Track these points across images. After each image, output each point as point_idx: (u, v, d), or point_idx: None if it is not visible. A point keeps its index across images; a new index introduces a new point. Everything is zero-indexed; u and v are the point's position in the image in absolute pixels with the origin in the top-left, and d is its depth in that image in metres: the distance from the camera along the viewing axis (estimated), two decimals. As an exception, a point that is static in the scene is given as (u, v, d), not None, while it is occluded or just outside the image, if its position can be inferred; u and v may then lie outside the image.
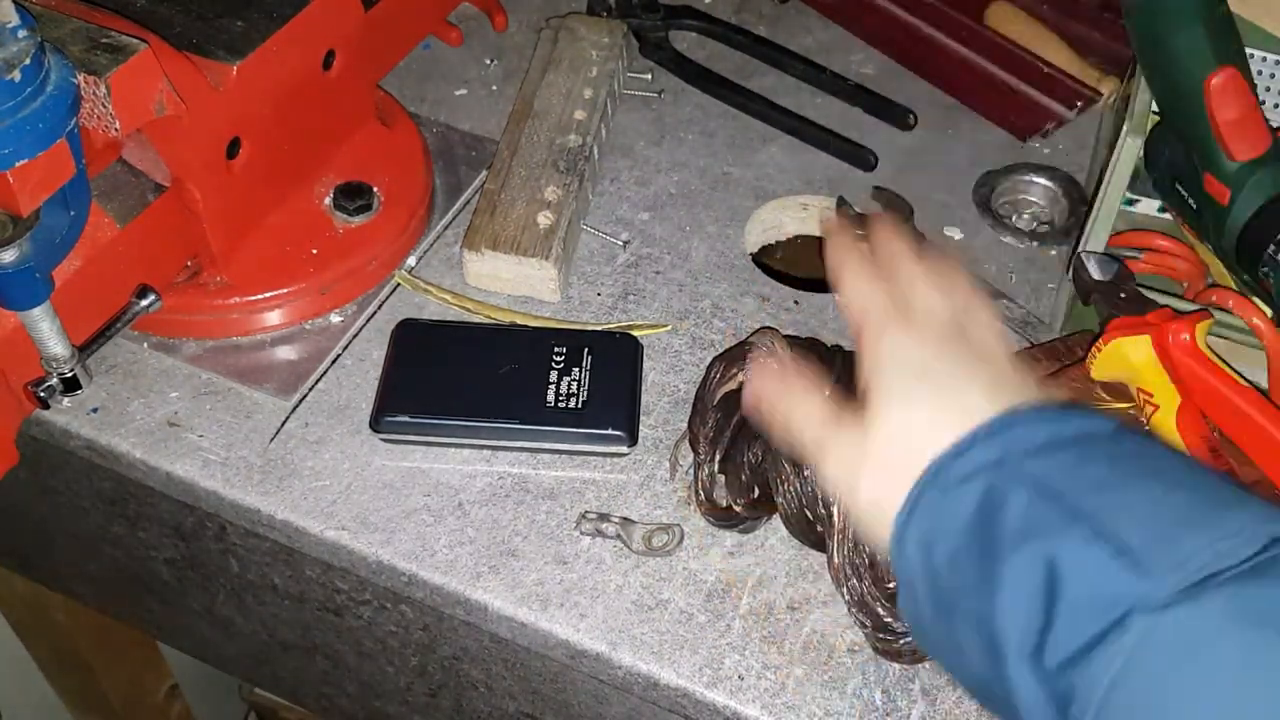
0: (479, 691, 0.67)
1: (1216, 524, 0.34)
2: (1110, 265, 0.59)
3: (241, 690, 1.54)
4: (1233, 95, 0.59)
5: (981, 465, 0.38)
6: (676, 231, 0.72)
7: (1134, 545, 0.34)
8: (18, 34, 0.46)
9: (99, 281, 0.58)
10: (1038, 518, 0.36)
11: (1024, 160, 0.76)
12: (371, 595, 0.63)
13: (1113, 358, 0.55)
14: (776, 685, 0.53)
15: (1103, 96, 0.79)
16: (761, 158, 0.76)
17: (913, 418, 0.41)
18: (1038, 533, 0.36)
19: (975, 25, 0.84)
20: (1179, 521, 0.35)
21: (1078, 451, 0.38)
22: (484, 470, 0.60)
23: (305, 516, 0.58)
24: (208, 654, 0.84)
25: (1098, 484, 0.36)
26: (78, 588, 0.87)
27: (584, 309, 0.67)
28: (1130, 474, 0.37)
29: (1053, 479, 0.37)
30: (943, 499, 0.38)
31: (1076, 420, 0.39)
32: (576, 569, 0.56)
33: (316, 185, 0.67)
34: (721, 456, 0.56)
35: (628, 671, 0.54)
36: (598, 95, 0.75)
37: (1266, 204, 0.59)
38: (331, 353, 0.64)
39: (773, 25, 0.86)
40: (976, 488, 0.37)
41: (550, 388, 0.60)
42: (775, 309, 0.68)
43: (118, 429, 0.61)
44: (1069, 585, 0.34)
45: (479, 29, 0.84)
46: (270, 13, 0.60)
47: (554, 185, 0.69)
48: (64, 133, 0.48)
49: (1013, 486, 0.37)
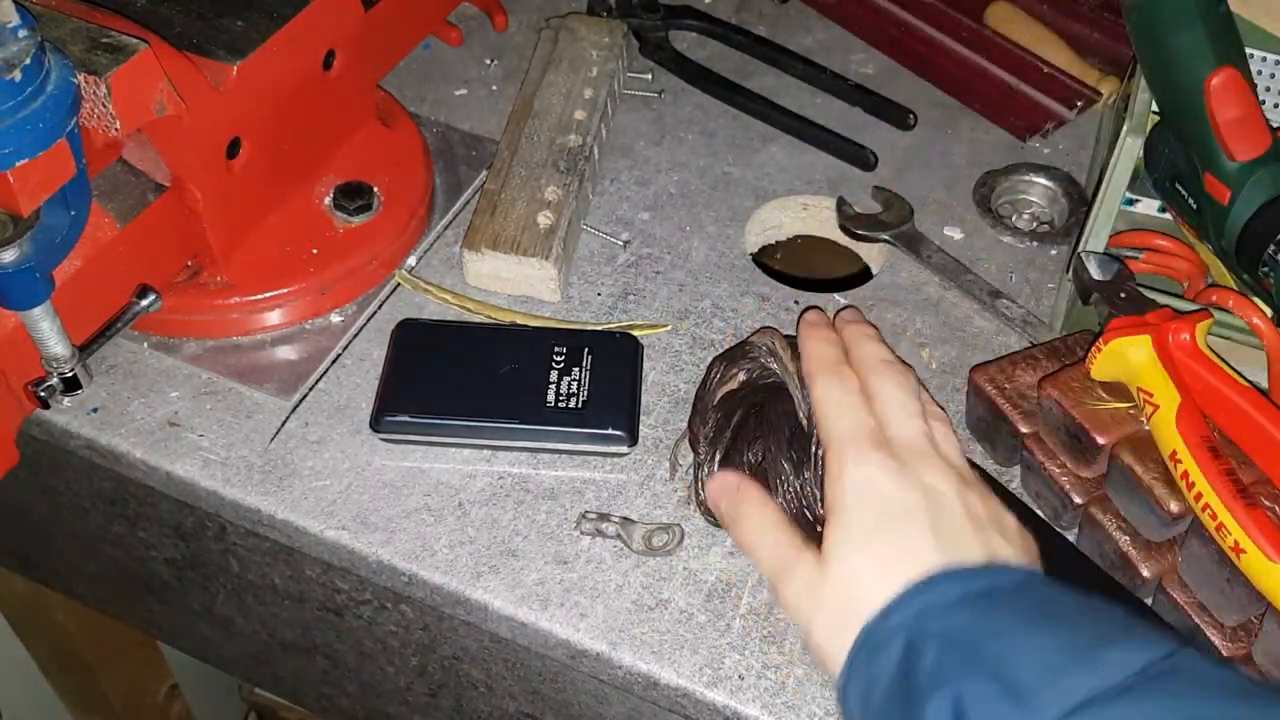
0: (479, 691, 0.67)
1: (1098, 659, 0.40)
2: (1110, 265, 0.59)
3: (241, 690, 1.54)
4: (1233, 95, 0.59)
5: (902, 625, 0.44)
6: (676, 231, 0.72)
7: (1024, 683, 0.39)
8: (18, 34, 0.46)
9: (99, 281, 0.58)
10: (947, 666, 0.41)
11: (1024, 160, 0.76)
12: (371, 595, 0.63)
13: (1113, 358, 0.54)
14: (776, 685, 0.53)
15: (1103, 96, 0.79)
16: (761, 158, 0.76)
17: (862, 568, 0.46)
18: (946, 679, 0.41)
19: (975, 25, 0.84)
20: (1065, 660, 0.40)
21: (984, 605, 0.43)
22: (484, 470, 0.60)
23: (305, 516, 0.58)
24: (208, 654, 0.85)
25: (997, 633, 0.42)
26: (78, 588, 0.87)
27: (584, 309, 0.67)
28: (1029, 621, 0.42)
29: (959, 632, 0.42)
30: (872, 657, 0.44)
31: (984, 578, 0.45)
32: (576, 569, 0.56)
33: (316, 185, 0.67)
34: (721, 456, 0.56)
35: (628, 671, 0.54)
36: (598, 95, 0.75)
37: (1266, 204, 0.59)
38: (331, 353, 0.64)
39: (773, 25, 0.86)
40: (899, 645, 0.43)
41: (550, 388, 0.60)
42: (775, 309, 0.68)
43: (118, 429, 0.61)
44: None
45: (479, 29, 0.84)
46: (270, 13, 0.60)
47: (554, 185, 0.69)
48: (64, 133, 0.48)
49: (927, 641, 0.42)
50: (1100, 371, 0.55)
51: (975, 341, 0.67)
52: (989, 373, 0.59)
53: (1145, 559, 0.54)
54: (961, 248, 0.71)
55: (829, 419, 0.51)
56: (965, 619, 0.43)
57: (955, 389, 0.64)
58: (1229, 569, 0.49)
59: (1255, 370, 0.60)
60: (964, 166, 0.76)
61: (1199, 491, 0.49)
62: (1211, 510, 0.48)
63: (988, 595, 0.44)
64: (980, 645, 0.42)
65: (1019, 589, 0.45)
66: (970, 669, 0.41)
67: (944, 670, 0.41)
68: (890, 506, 0.47)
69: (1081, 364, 0.56)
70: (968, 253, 0.71)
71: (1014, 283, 0.69)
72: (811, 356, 0.54)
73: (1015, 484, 0.60)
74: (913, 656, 0.43)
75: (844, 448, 0.49)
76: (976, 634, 0.42)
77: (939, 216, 0.73)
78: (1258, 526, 0.47)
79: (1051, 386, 0.55)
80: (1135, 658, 0.40)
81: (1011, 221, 0.74)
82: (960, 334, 0.67)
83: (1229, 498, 0.48)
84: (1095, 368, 0.55)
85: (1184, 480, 0.50)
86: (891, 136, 0.78)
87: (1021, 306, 0.67)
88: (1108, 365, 0.55)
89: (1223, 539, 0.48)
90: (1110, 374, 0.55)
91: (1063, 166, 0.76)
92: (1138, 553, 0.54)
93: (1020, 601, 0.44)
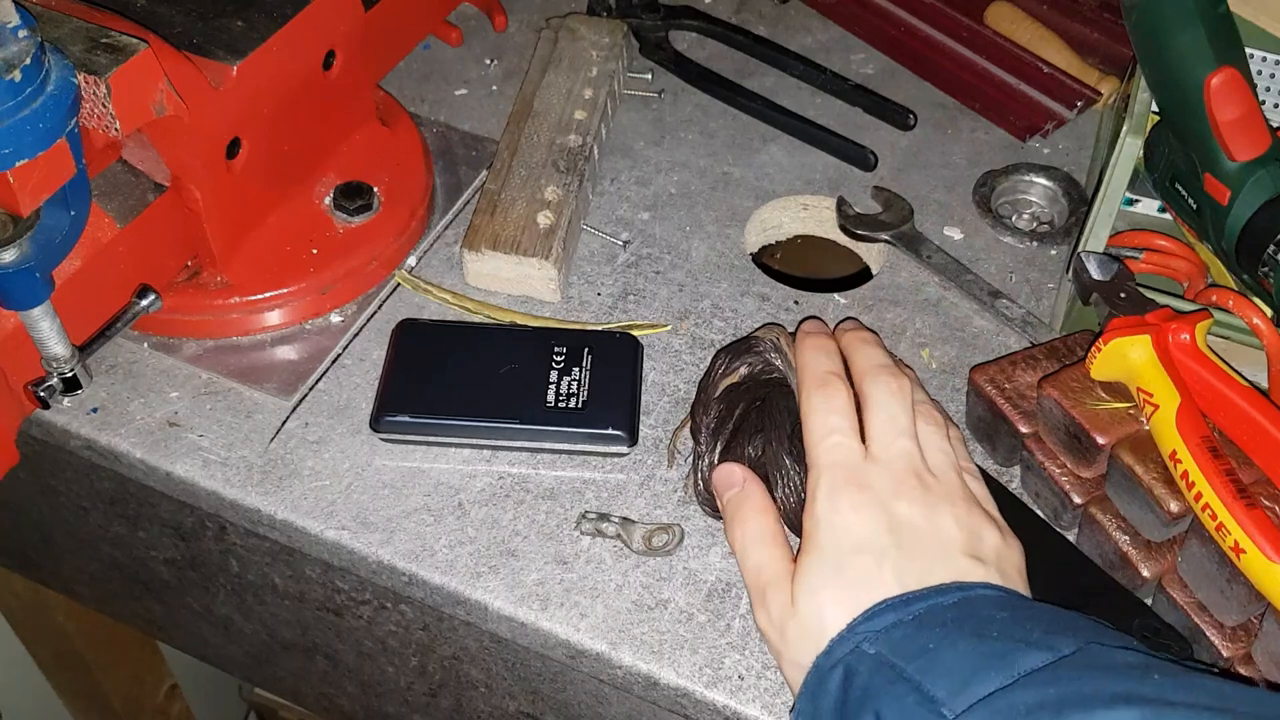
0: (479, 691, 0.67)
1: (1009, 662, 0.42)
2: (1110, 265, 0.59)
3: (241, 690, 1.54)
4: (1233, 95, 0.59)
5: (843, 655, 0.46)
6: (676, 231, 0.72)
7: (938, 694, 0.42)
8: (18, 34, 0.46)
9: (99, 281, 0.58)
10: (874, 686, 0.44)
11: (1024, 160, 0.76)
12: (371, 595, 0.63)
13: (1113, 358, 0.54)
14: (776, 685, 0.53)
15: (1103, 96, 0.79)
16: (761, 158, 0.76)
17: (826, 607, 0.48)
18: (872, 698, 0.44)
19: (975, 25, 0.84)
20: (977, 664, 0.43)
21: (915, 627, 0.46)
22: (484, 470, 0.60)
23: (305, 516, 0.58)
24: (208, 654, 0.85)
25: (922, 651, 0.44)
26: (78, 588, 0.87)
27: (584, 309, 0.67)
28: (955, 637, 0.44)
29: (889, 653, 0.45)
30: (819, 688, 0.46)
31: (925, 600, 0.47)
32: (576, 569, 0.56)
33: (316, 185, 0.67)
34: (722, 448, 0.56)
35: (628, 671, 0.54)
36: (598, 95, 0.75)
37: (1266, 204, 0.59)
38: (331, 353, 0.64)
39: (773, 25, 0.86)
40: (840, 672, 0.46)
41: (550, 388, 0.60)
42: (775, 309, 0.68)
43: (118, 429, 0.61)
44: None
45: (479, 29, 0.84)
46: (270, 13, 0.60)
47: (554, 185, 0.69)
48: (64, 133, 0.48)
49: (860, 665, 0.45)
50: (1100, 371, 0.55)
51: (975, 341, 0.67)
52: (989, 373, 0.59)
53: (1145, 559, 0.53)
54: (961, 248, 0.71)
55: (811, 441, 0.52)
56: (897, 640, 0.45)
57: (955, 389, 0.64)
58: (1229, 569, 0.49)
59: (1255, 370, 0.60)
60: (964, 166, 0.76)
61: (1199, 491, 0.49)
62: (1211, 510, 0.48)
63: (924, 616, 0.46)
64: (905, 663, 0.44)
65: (958, 606, 0.46)
66: (894, 687, 0.43)
67: (871, 691, 0.44)
68: (857, 545, 0.49)
69: (1081, 364, 0.56)
70: (968, 253, 0.71)
71: (1014, 283, 0.69)
72: (804, 367, 0.55)
73: (1015, 484, 0.60)
74: (848, 683, 0.45)
75: (820, 476, 0.51)
76: (904, 653, 0.44)
77: (939, 216, 0.73)
78: (1258, 526, 0.47)
79: (1051, 386, 0.55)
80: (1044, 655, 0.42)
81: (1011, 221, 0.74)
82: (960, 334, 0.67)
83: (1229, 498, 0.48)
84: (1095, 368, 0.55)
85: (1184, 480, 0.50)
86: (891, 136, 0.78)
87: (1021, 306, 0.67)
88: (1108, 365, 0.55)
89: (1223, 539, 0.48)
90: (1110, 374, 0.55)
91: (1063, 166, 0.76)
92: (1138, 553, 0.54)
93: (954, 619, 0.46)
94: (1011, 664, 0.42)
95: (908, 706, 0.43)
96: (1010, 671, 0.42)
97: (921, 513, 0.50)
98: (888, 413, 0.52)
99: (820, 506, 0.50)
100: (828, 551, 0.49)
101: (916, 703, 0.42)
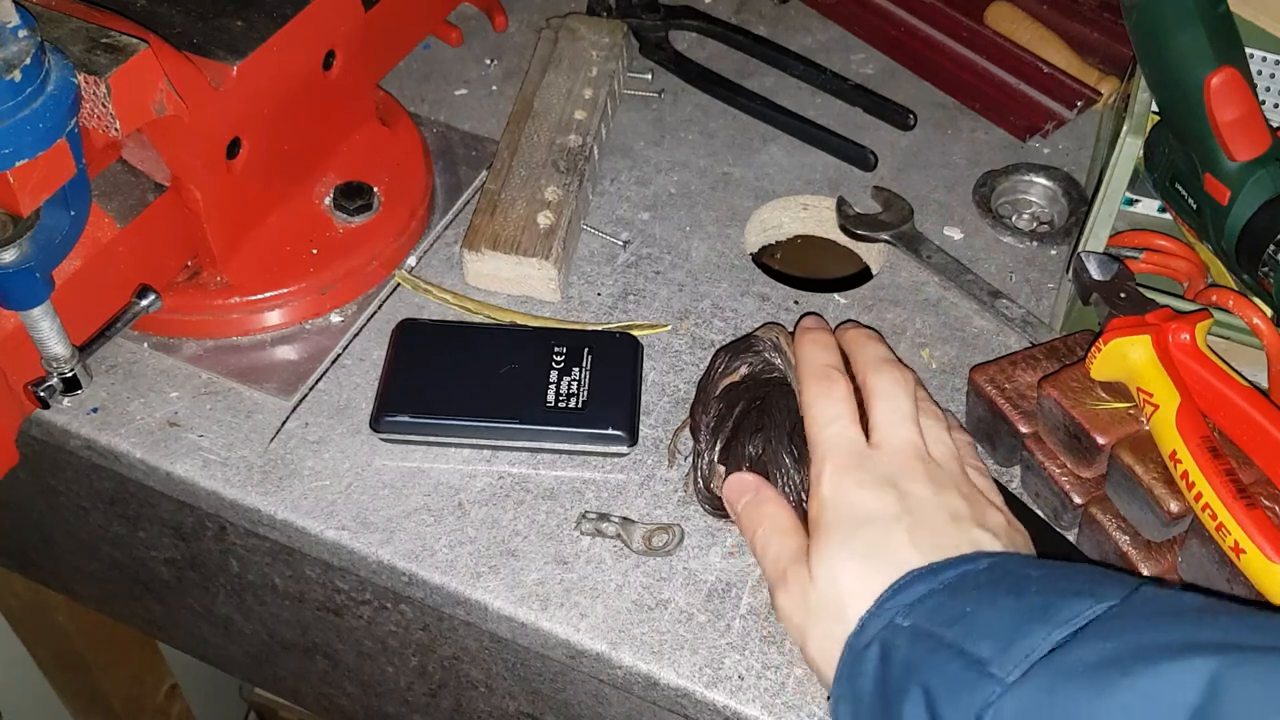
0: (479, 691, 0.67)
1: (1051, 617, 0.41)
2: (1110, 265, 0.59)
3: (241, 690, 1.54)
4: (1233, 95, 0.59)
5: (877, 630, 0.45)
6: (676, 231, 0.72)
7: (984, 656, 0.41)
8: (18, 34, 0.46)
9: (99, 281, 0.58)
10: (915, 659, 0.43)
11: (1024, 160, 0.76)
12: (371, 595, 0.63)
13: (1113, 358, 0.54)
14: (776, 685, 0.53)
15: (1103, 96, 0.79)
16: (761, 158, 0.76)
17: (844, 578, 0.47)
18: (915, 670, 0.42)
19: (975, 25, 0.84)
20: (1021, 621, 0.41)
21: (948, 594, 0.45)
22: (484, 470, 0.60)
23: (305, 516, 0.58)
24: (208, 654, 0.85)
25: (959, 616, 0.43)
26: (78, 588, 0.87)
27: (584, 309, 0.67)
28: (991, 598, 0.43)
29: (924, 624, 0.44)
30: (856, 668, 0.45)
31: (955, 567, 0.46)
32: (576, 569, 0.56)
33: (316, 185, 0.67)
34: (722, 447, 0.56)
35: (628, 671, 0.54)
36: (598, 95, 0.75)
37: (1266, 204, 0.59)
38: (331, 352, 0.64)
39: (773, 25, 0.86)
40: (875, 650, 0.45)
41: (550, 388, 0.60)
42: (775, 309, 0.68)
43: (118, 429, 0.61)
44: (941, 704, 0.41)
45: (479, 29, 0.84)
46: (270, 13, 0.60)
47: (554, 185, 0.69)
48: (64, 133, 0.48)
49: (897, 640, 0.44)
50: (1100, 371, 0.55)
51: (975, 341, 0.67)
52: (989, 373, 0.59)
53: (1145, 559, 0.53)
54: (961, 248, 0.71)
55: (812, 430, 0.52)
56: (931, 609, 0.44)
57: (955, 389, 0.64)
58: (1229, 569, 0.49)
59: (1255, 370, 0.60)
60: (964, 166, 0.76)
61: (1199, 491, 0.49)
62: (1211, 510, 0.48)
63: (956, 583, 0.45)
64: (944, 630, 0.43)
65: (990, 570, 0.46)
66: (935, 655, 0.42)
67: (913, 663, 0.43)
68: (868, 516, 0.49)
69: (1081, 364, 0.56)
70: (968, 253, 0.71)
71: (1014, 283, 0.69)
72: (803, 361, 0.55)
73: (1015, 484, 0.60)
74: (887, 659, 0.44)
75: (823, 462, 0.51)
76: (940, 620, 0.43)
77: (939, 216, 0.73)
78: (1258, 526, 0.47)
79: (1051, 386, 0.55)
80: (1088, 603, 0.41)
81: (1011, 221, 0.74)
82: (960, 334, 0.67)
83: (1229, 498, 0.48)
84: (1095, 368, 0.55)
85: (1184, 480, 0.50)
86: (891, 136, 0.78)
87: (1021, 306, 0.67)
88: (1107, 365, 0.55)
89: (1223, 539, 0.48)
90: (1110, 374, 0.55)
91: (1063, 166, 0.76)
92: (1138, 553, 0.54)
93: (988, 580, 0.45)
94: (1055, 614, 0.41)
95: (953, 673, 0.41)
96: (1055, 621, 0.40)
97: (929, 489, 0.49)
98: (892, 402, 0.52)
99: (825, 488, 0.50)
100: (838, 527, 0.49)
101: (962, 667, 0.41)
